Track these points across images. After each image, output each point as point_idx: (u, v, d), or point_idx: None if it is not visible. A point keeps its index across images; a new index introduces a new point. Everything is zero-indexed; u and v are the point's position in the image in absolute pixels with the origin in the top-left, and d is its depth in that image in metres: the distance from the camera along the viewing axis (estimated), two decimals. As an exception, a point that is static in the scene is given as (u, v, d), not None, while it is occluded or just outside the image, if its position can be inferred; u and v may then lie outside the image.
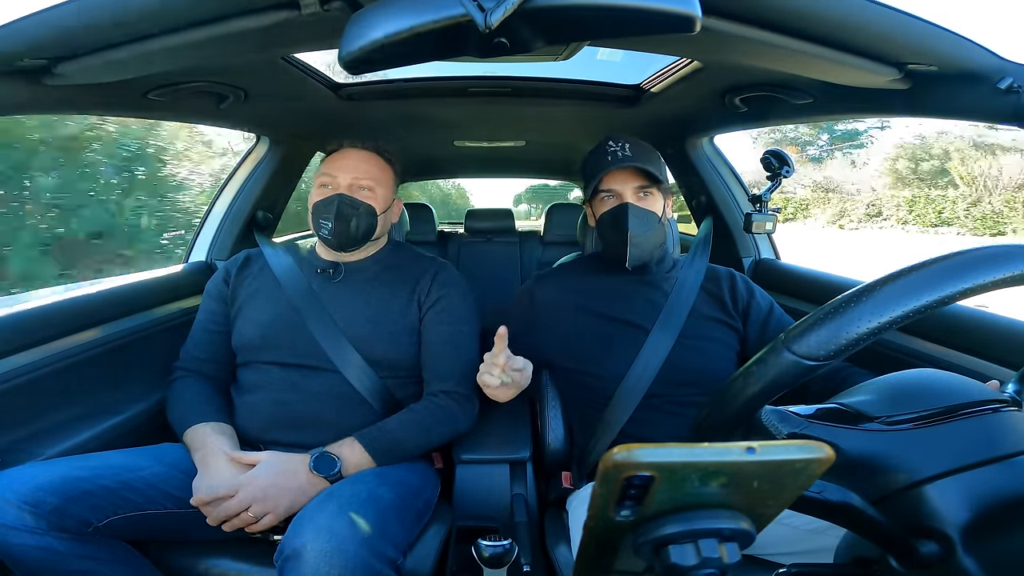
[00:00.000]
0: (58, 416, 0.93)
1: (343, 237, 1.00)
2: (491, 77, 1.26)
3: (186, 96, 0.99)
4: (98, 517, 0.75)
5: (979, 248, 0.38)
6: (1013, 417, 0.39)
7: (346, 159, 1.03)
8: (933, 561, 0.36)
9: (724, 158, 1.58)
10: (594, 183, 0.98)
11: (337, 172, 1.01)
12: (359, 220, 1.01)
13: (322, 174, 1.03)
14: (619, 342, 0.99)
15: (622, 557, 0.31)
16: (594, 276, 1.08)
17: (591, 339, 1.01)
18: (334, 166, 1.02)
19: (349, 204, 1.00)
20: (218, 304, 1.06)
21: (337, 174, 1.01)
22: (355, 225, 1.00)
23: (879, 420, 0.40)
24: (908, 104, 0.83)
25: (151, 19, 0.63)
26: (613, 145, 0.98)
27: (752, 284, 1.07)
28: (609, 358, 0.98)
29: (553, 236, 2.21)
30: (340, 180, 1.01)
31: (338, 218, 0.99)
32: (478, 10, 0.49)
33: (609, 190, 0.98)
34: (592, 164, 1.01)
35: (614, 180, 0.98)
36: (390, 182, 1.07)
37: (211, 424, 0.92)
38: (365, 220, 1.01)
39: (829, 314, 0.38)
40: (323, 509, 0.72)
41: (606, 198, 0.99)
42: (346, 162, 1.02)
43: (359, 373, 0.96)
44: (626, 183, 0.97)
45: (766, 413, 0.40)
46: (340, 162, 1.03)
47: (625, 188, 0.97)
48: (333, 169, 1.02)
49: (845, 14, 0.62)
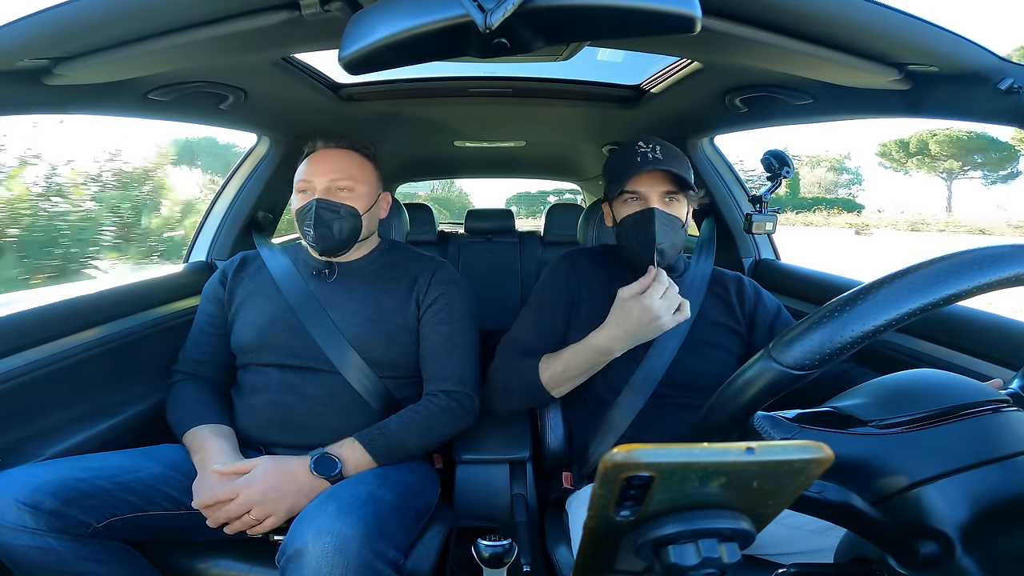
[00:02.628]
0: (58, 416, 0.93)
1: (327, 242, 0.99)
2: (491, 77, 1.26)
3: (186, 96, 0.99)
4: (97, 518, 0.75)
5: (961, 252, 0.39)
6: (1012, 417, 0.39)
7: (321, 162, 1.00)
8: (933, 561, 0.36)
9: (724, 158, 1.58)
10: (622, 183, 0.94)
11: (312, 176, 0.99)
12: (341, 223, 0.98)
13: (299, 180, 1.01)
14: None
15: (622, 557, 0.31)
16: (621, 269, 1.05)
17: None
18: (309, 170, 1.00)
19: (327, 208, 0.97)
20: (215, 307, 1.05)
21: (313, 178, 0.99)
22: (338, 229, 0.98)
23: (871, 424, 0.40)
24: (908, 105, 0.83)
25: (151, 19, 0.63)
26: (644, 146, 0.95)
27: (760, 289, 1.07)
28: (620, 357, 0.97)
29: (553, 236, 2.21)
30: (316, 184, 0.98)
31: (318, 224, 0.97)
32: (478, 10, 0.49)
33: (635, 192, 0.95)
34: (619, 163, 0.97)
35: (642, 182, 0.94)
36: (371, 178, 1.05)
37: (211, 426, 0.92)
38: (348, 222, 0.99)
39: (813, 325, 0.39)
40: (324, 510, 0.72)
41: (630, 200, 0.96)
42: (320, 165, 1.00)
43: (358, 374, 0.96)
44: (654, 186, 0.94)
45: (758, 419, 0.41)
46: (315, 166, 1.00)
47: (652, 192, 0.94)
48: (309, 174, 1.00)
49: (845, 14, 0.62)
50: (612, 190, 0.98)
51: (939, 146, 24.54)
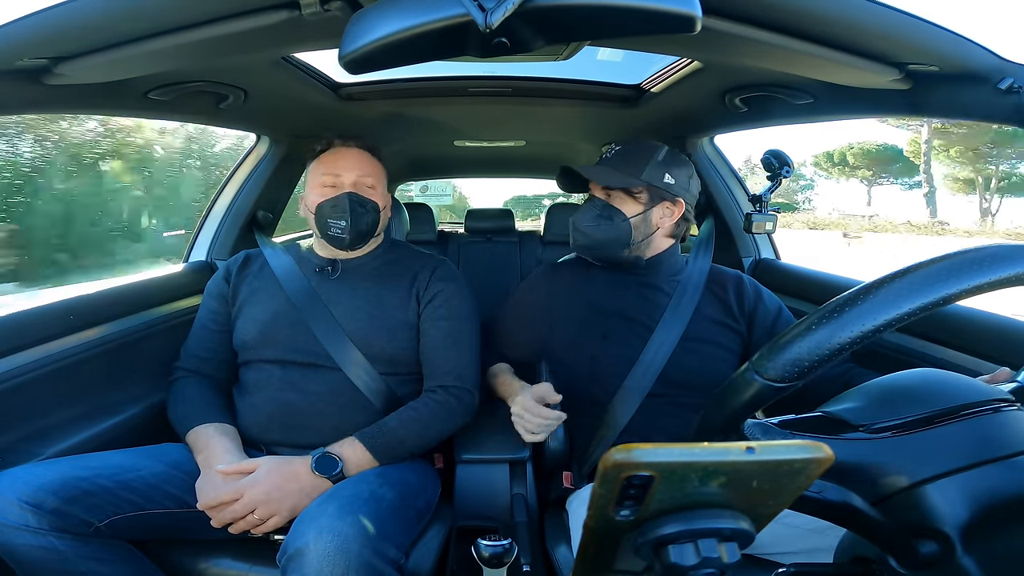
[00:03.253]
0: (59, 416, 0.93)
1: (355, 234, 1.01)
2: (491, 77, 1.26)
3: (186, 96, 0.99)
4: (99, 517, 0.75)
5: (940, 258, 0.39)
6: (1013, 416, 0.39)
7: (347, 158, 1.03)
8: (933, 561, 0.36)
9: (724, 158, 1.58)
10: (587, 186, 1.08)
11: (341, 171, 1.01)
12: (368, 217, 1.02)
13: (323, 174, 1.02)
14: (625, 339, 0.99)
15: (622, 557, 0.31)
16: (603, 272, 1.09)
17: (599, 333, 1.01)
18: (336, 165, 1.02)
19: (359, 202, 1.00)
20: (219, 303, 1.06)
21: (341, 173, 1.01)
22: (366, 222, 1.01)
23: (862, 428, 0.40)
24: (909, 104, 0.83)
25: (151, 19, 0.63)
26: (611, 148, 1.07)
27: (761, 288, 1.07)
28: (614, 354, 0.98)
29: (553, 236, 2.21)
30: (345, 179, 1.01)
31: (352, 215, 0.99)
32: (478, 10, 0.49)
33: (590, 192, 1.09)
34: None
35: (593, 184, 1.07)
36: (384, 179, 1.09)
37: (214, 425, 0.92)
38: (372, 217, 1.03)
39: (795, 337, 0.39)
40: (325, 510, 0.73)
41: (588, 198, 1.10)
42: (348, 161, 1.03)
43: (360, 371, 0.96)
44: (596, 186, 1.06)
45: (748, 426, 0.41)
46: (342, 161, 1.03)
47: (595, 188, 1.07)
48: (336, 168, 1.02)
49: (845, 14, 0.62)
50: None
51: (854, 157, 27.33)
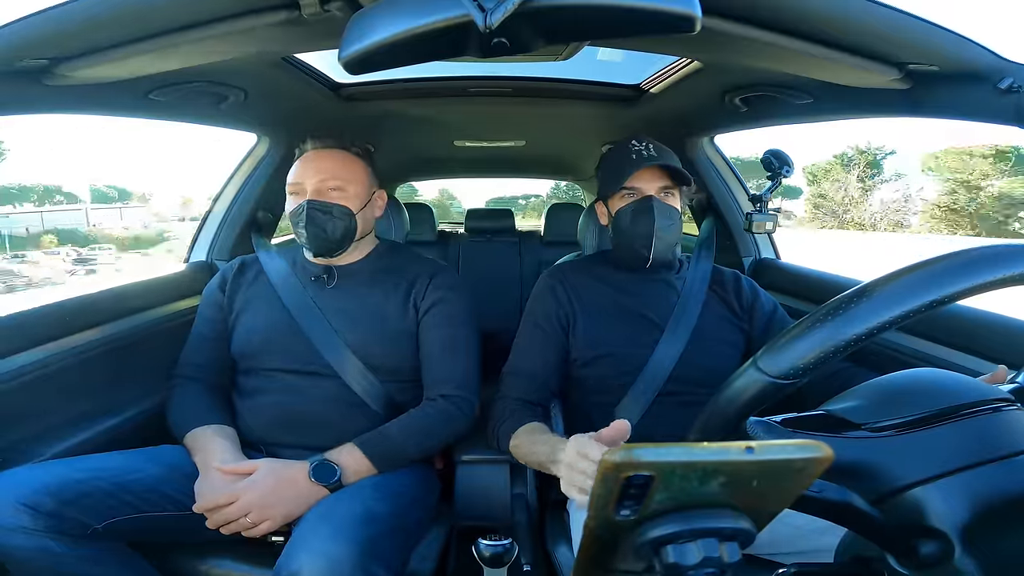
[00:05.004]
0: (58, 417, 0.93)
1: (320, 243, 0.98)
2: (491, 77, 1.26)
3: (186, 96, 0.99)
4: (97, 519, 0.74)
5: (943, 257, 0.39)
6: (1012, 416, 0.39)
7: (309, 162, 0.99)
8: (933, 561, 0.36)
9: (724, 158, 1.58)
10: (621, 180, 0.97)
11: (302, 178, 0.98)
12: (334, 223, 0.97)
13: (290, 182, 1.00)
14: (640, 337, 0.99)
15: (622, 557, 0.31)
16: (615, 271, 1.07)
17: (618, 331, 1.00)
18: (299, 172, 0.99)
19: (319, 209, 0.96)
20: (215, 312, 1.05)
21: (302, 180, 0.98)
22: (331, 229, 0.97)
23: (864, 427, 0.40)
24: (908, 104, 0.83)
25: (151, 19, 0.63)
26: (637, 144, 0.99)
27: (756, 286, 1.08)
28: (630, 352, 0.98)
29: (553, 236, 2.21)
30: (307, 185, 0.97)
31: (310, 225, 0.96)
32: (478, 10, 0.49)
33: (633, 188, 0.98)
34: (616, 162, 1.00)
35: (640, 178, 0.98)
36: (363, 177, 1.03)
37: (213, 427, 0.92)
38: (341, 222, 0.98)
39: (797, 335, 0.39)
40: (318, 532, 0.72)
41: (627, 195, 0.99)
42: (309, 166, 0.99)
43: (359, 378, 0.96)
44: (652, 182, 0.98)
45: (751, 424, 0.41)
46: (303, 167, 0.99)
47: (650, 186, 0.98)
48: (298, 175, 0.99)
49: (845, 14, 0.62)
50: (609, 188, 1.01)
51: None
